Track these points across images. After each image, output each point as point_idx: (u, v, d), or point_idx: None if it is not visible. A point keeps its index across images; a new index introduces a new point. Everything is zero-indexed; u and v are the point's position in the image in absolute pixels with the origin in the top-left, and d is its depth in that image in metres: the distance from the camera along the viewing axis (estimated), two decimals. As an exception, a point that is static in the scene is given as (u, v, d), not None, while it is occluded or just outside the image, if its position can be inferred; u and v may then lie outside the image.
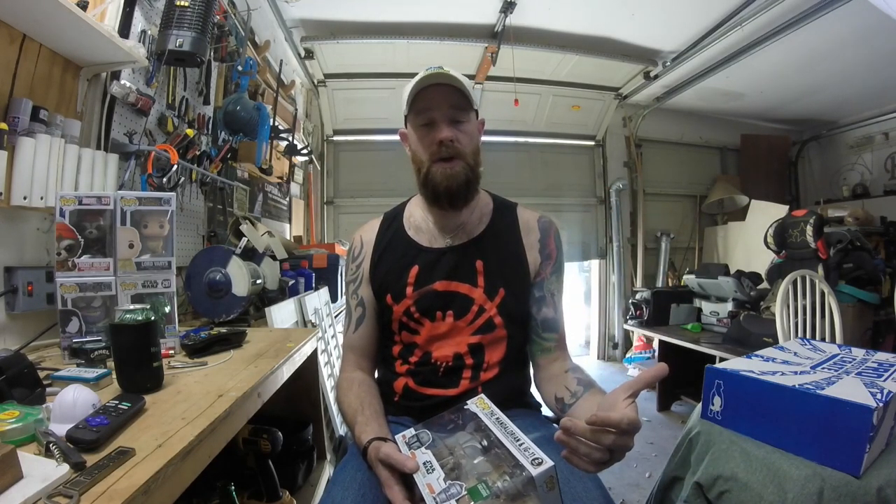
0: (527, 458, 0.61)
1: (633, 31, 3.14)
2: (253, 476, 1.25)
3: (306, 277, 2.10)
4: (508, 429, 0.68)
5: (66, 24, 1.07)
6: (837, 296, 2.13)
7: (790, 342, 1.29)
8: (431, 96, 0.87)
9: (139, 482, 0.52)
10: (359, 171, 4.08)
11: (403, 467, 0.65)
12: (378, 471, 0.68)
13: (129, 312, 0.81)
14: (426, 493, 0.61)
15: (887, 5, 1.94)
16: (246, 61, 2.13)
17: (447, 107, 0.87)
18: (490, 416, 0.72)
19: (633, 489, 2.14)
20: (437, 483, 0.62)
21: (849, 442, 0.81)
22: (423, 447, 0.70)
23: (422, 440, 0.71)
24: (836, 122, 4.61)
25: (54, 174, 1.12)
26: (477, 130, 0.94)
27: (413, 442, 0.71)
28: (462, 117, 0.89)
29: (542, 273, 0.95)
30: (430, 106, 0.88)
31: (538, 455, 0.61)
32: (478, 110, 0.94)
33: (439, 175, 0.88)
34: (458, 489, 0.60)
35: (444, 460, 0.66)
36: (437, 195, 0.90)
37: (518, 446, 0.64)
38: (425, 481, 0.63)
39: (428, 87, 0.87)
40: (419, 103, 0.88)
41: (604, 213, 4.51)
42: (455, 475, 0.63)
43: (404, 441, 0.72)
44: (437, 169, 0.88)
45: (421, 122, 0.89)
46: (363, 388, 0.89)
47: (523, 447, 0.63)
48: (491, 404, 0.75)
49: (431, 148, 0.88)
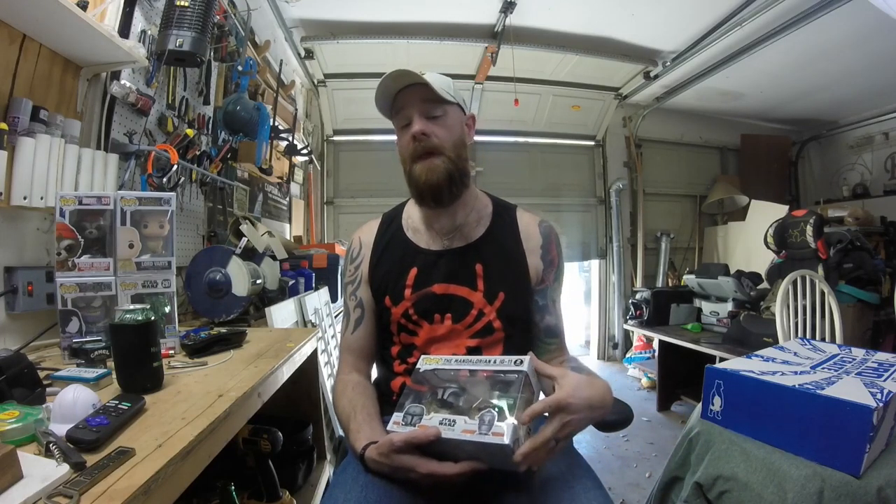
0: (508, 364, 0.73)
1: (633, 31, 3.13)
2: (253, 476, 1.25)
3: (306, 277, 2.10)
4: (471, 360, 0.77)
5: (66, 24, 1.07)
6: (837, 296, 2.13)
7: (790, 342, 1.29)
8: (405, 96, 0.89)
9: (139, 482, 0.52)
10: (359, 171, 4.08)
11: (428, 437, 0.66)
12: (399, 461, 0.68)
13: (129, 312, 0.81)
14: (468, 437, 0.65)
15: (887, 5, 1.94)
16: (246, 61, 2.13)
17: (419, 101, 0.88)
18: (447, 362, 0.78)
19: (633, 489, 2.14)
20: (469, 424, 0.66)
21: (849, 442, 0.81)
22: (425, 416, 0.70)
23: (415, 413, 0.72)
24: (836, 122, 4.60)
25: (54, 174, 1.12)
26: (459, 124, 0.93)
27: (411, 419, 0.71)
28: (437, 111, 0.89)
29: (545, 280, 0.95)
30: (403, 105, 0.90)
31: (514, 358, 0.73)
32: (461, 105, 0.94)
33: (418, 171, 0.89)
34: (492, 413, 0.66)
35: (453, 409, 0.69)
36: (420, 193, 0.90)
37: (493, 363, 0.74)
38: (460, 431, 0.66)
39: (403, 88, 0.89)
40: (396, 105, 0.91)
41: (604, 213, 4.51)
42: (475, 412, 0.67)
43: (400, 425, 0.72)
44: (417, 166, 0.89)
45: (400, 125, 0.91)
46: (357, 391, 0.89)
47: (497, 362, 0.74)
48: (436, 357, 0.81)
49: (410, 146, 0.89)
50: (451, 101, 0.90)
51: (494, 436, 0.63)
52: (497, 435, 0.63)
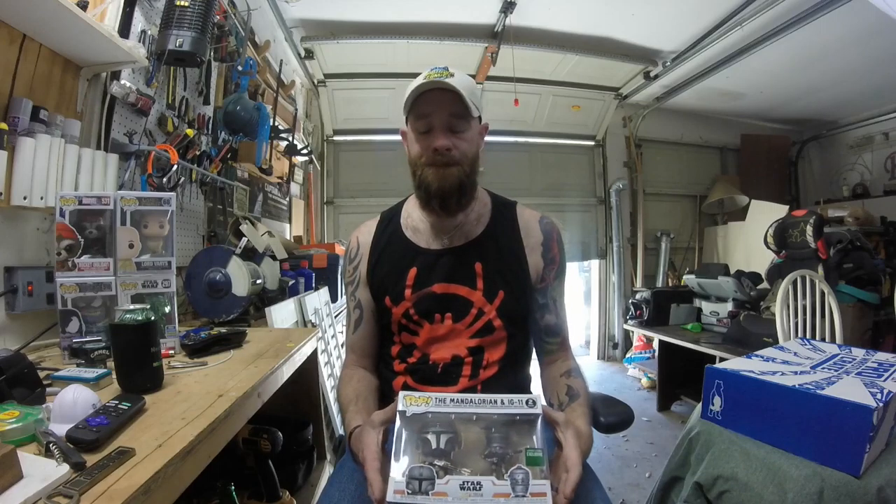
0: (519, 405, 0.63)
1: (633, 31, 3.13)
2: (253, 476, 1.25)
3: (306, 277, 2.10)
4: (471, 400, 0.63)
5: (66, 24, 1.07)
6: (837, 296, 2.12)
7: (790, 342, 1.29)
8: (432, 101, 0.85)
9: (139, 482, 0.52)
10: (359, 171, 4.08)
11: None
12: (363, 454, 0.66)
13: (129, 312, 0.81)
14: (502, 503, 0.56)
15: (887, 5, 1.94)
16: (246, 61, 2.13)
17: (446, 115, 0.85)
18: (440, 403, 0.63)
19: (633, 489, 2.14)
20: (500, 486, 0.57)
21: (849, 442, 0.81)
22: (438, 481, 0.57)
23: (423, 476, 0.57)
24: (836, 122, 4.60)
25: (54, 174, 1.12)
26: (478, 136, 0.93)
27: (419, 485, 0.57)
28: (462, 126, 0.87)
29: (546, 279, 0.94)
30: (428, 112, 0.86)
31: (524, 397, 0.63)
32: (481, 115, 0.93)
33: (431, 176, 0.87)
34: (524, 470, 0.57)
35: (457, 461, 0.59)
36: (428, 199, 0.89)
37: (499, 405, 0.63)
38: (490, 496, 0.56)
39: (430, 90, 0.85)
40: (419, 107, 0.87)
41: (604, 213, 4.51)
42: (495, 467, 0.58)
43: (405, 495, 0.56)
44: (430, 171, 0.87)
45: (420, 129, 0.88)
46: (362, 383, 0.91)
47: (504, 403, 0.63)
48: (421, 395, 0.64)
49: (427, 153, 0.87)
50: (475, 115, 0.89)
51: (535, 497, 0.56)
52: (538, 496, 0.56)
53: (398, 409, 0.63)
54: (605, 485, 0.79)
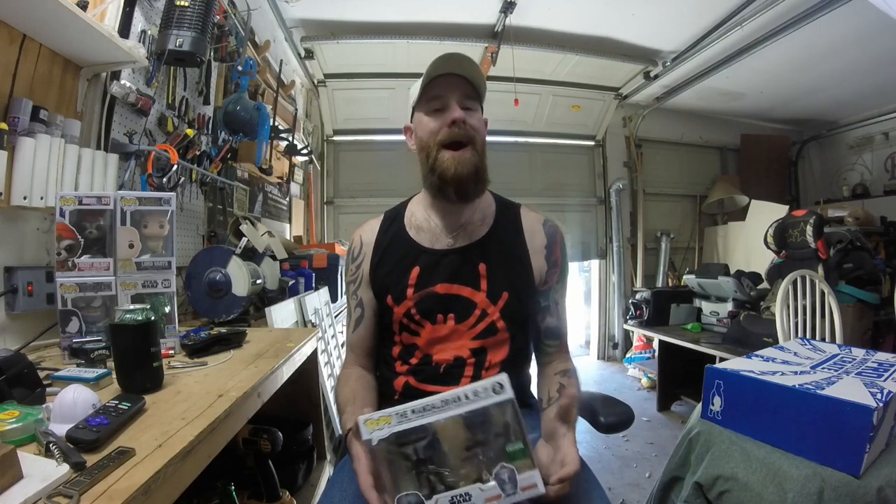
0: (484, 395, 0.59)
1: (633, 31, 3.13)
2: (253, 476, 1.25)
3: (306, 277, 2.10)
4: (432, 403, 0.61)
5: (66, 24, 1.07)
6: (837, 296, 2.12)
7: (790, 342, 1.29)
8: (445, 83, 0.88)
9: (139, 482, 0.52)
10: (359, 171, 4.08)
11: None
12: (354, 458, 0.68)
13: (129, 312, 0.81)
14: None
15: (887, 5, 1.93)
16: (246, 61, 2.13)
17: (459, 94, 0.88)
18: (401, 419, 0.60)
19: (633, 489, 2.14)
20: (489, 490, 0.57)
21: (849, 442, 0.81)
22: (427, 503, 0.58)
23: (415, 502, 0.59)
24: (836, 122, 4.60)
25: (54, 174, 1.12)
26: (483, 126, 0.94)
27: None
28: (473, 106, 0.90)
29: (548, 281, 0.94)
30: (442, 92, 0.88)
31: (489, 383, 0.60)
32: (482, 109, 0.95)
33: (448, 160, 0.86)
34: (508, 468, 0.57)
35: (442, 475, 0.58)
36: (443, 182, 0.87)
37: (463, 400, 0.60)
38: (483, 502, 0.57)
39: (442, 75, 0.88)
40: (431, 90, 0.89)
41: (604, 213, 4.51)
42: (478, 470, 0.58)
43: None
44: (445, 154, 0.87)
45: (433, 108, 0.89)
46: (360, 382, 0.91)
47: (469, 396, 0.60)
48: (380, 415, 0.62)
49: (442, 130, 0.87)
50: (480, 102, 0.93)
51: (525, 490, 0.57)
52: (529, 489, 0.57)
53: (363, 439, 0.61)
54: (604, 485, 0.79)
